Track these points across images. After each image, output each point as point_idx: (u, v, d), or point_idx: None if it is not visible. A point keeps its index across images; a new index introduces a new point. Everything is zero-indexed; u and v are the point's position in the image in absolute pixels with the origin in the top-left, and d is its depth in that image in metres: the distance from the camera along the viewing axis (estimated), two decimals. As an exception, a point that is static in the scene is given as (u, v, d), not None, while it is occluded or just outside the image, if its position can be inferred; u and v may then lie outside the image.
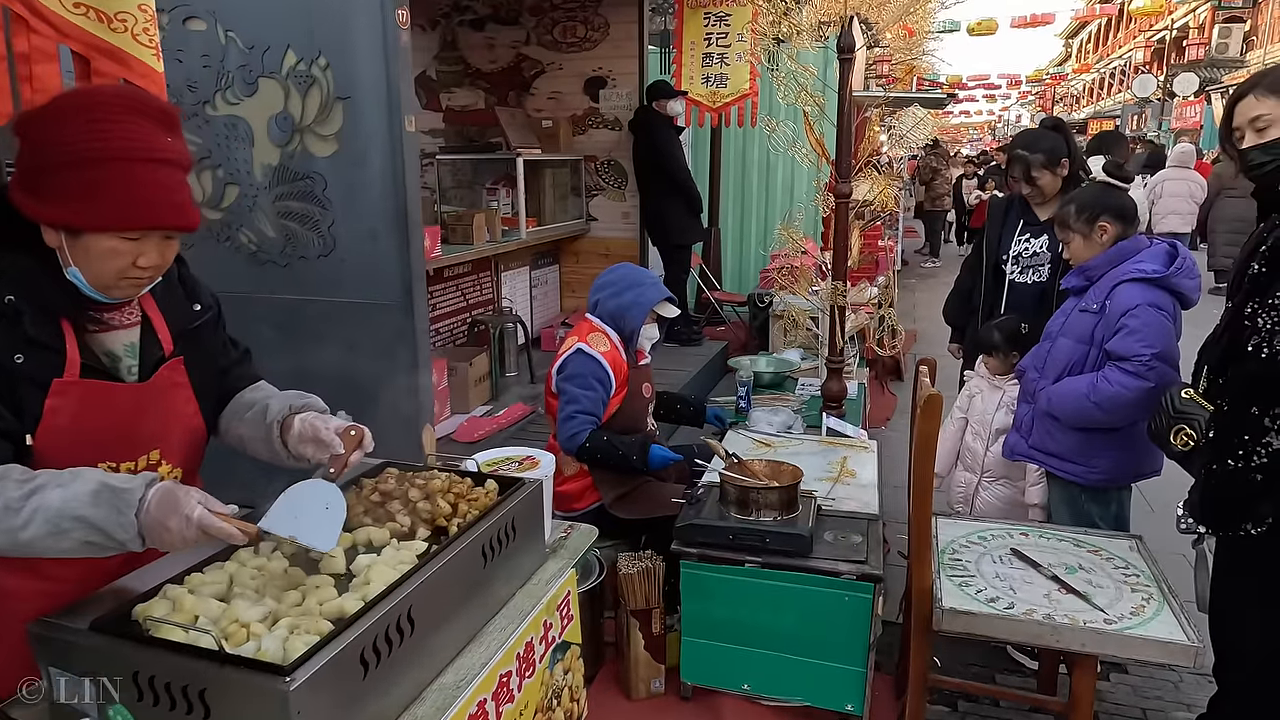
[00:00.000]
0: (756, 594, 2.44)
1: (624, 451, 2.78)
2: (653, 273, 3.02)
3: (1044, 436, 2.62)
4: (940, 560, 2.36)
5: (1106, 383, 2.43)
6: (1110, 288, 2.49)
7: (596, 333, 2.93)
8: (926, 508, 2.14)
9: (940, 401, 2.07)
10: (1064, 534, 2.50)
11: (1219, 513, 1.93)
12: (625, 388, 2.91)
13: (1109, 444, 2.53)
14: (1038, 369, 2.66)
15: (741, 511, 2.46)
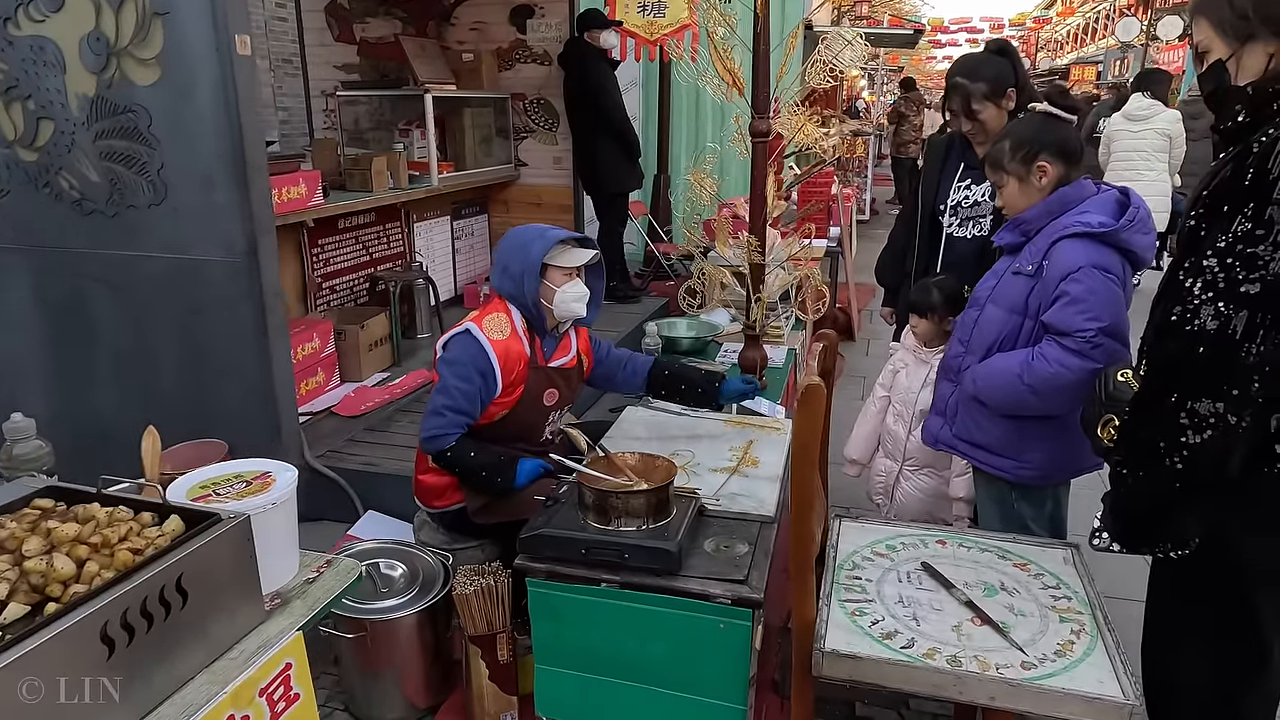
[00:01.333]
0: (616, 618, 2.02)
1: (488, 475, 2.32)
2: (547, 226, 2.51)
3: (969, 424, 2.20)
4: (835, 579, 1.94)
5: (1043, 361, 2.00)
6: (1048, 245, 2.05)
7: (498, 314, 2.43)
8: (807, 524, 1.72)
9: (820, 392, 1.63)
10: (988, 541, 2.09)
11: (1131, 529, 1.53)
12: (519, 389, 2.43)
13: (1044, 434, 2.11)
14: (963, 342, 2.22)
15: (599, 520, 2.03)
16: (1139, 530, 1.50)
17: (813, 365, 1.74)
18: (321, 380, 3.97)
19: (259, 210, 3.00)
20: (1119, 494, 1.51)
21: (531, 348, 2.44)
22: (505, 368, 2.35)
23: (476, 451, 2.32)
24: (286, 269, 4.20)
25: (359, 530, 3.10)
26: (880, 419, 2.85)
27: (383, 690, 2.23)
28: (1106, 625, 1.76)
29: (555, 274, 2.46)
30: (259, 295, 3.07)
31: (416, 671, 2.22)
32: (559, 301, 2.44)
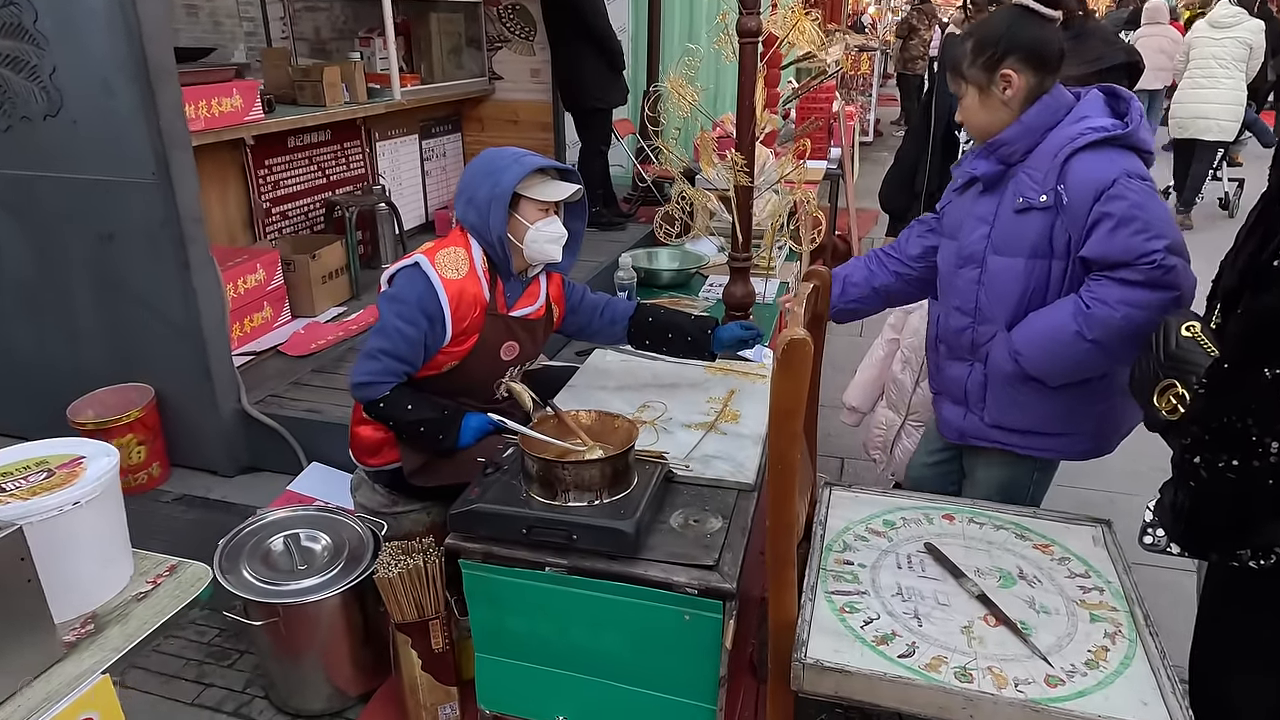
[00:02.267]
0: (565, 607, 1.72)
1: (427, 431, 1.99)
2: (525, 151, 2.10)
3: (1007, 407, 1.82)
4: (822, 565, 1.63)
5: (1104, 306, 1.62)
6: (1059, 166, 1.66)
7: (456, 249, 2.05)
8: (787, 511, 1.40)
9: (805, 350, 1.28)
10: (1004, 517, 1.78)
11: (1202, 531, 1.21)
12: (472, 338, 2.07)
13: (1098, 397, 1.77)
14: (965, 311, 1.85)
15: (544, 493, 1.71)
16: (1211, 533, 1.18)
17: (798, 314, 1.39)
18: (269, 316, 3.62)
19: (169, 122, 2.60)
20: (1188, 487, 1.18)
21: (492, 292, 2.08)
22: (458, 313, 2.00)
23: (415, 404, 1.99)
24: (227, 193, 3.80)
25: (300, 485, 2.80)
26: (886, 365, 2.52)
27: (304, 678, 1.96)
28: (1148, 626, 1.46)
29: (529, 208, 2.07)
30: (175, 222, 2.69)
31: (343, 657, 1.94)
32: (530, 241, 2.06)
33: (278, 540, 2.00)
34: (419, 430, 1.99)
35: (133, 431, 2.84)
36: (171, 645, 2.20)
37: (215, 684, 2.09)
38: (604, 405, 2.25)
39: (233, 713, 2.01)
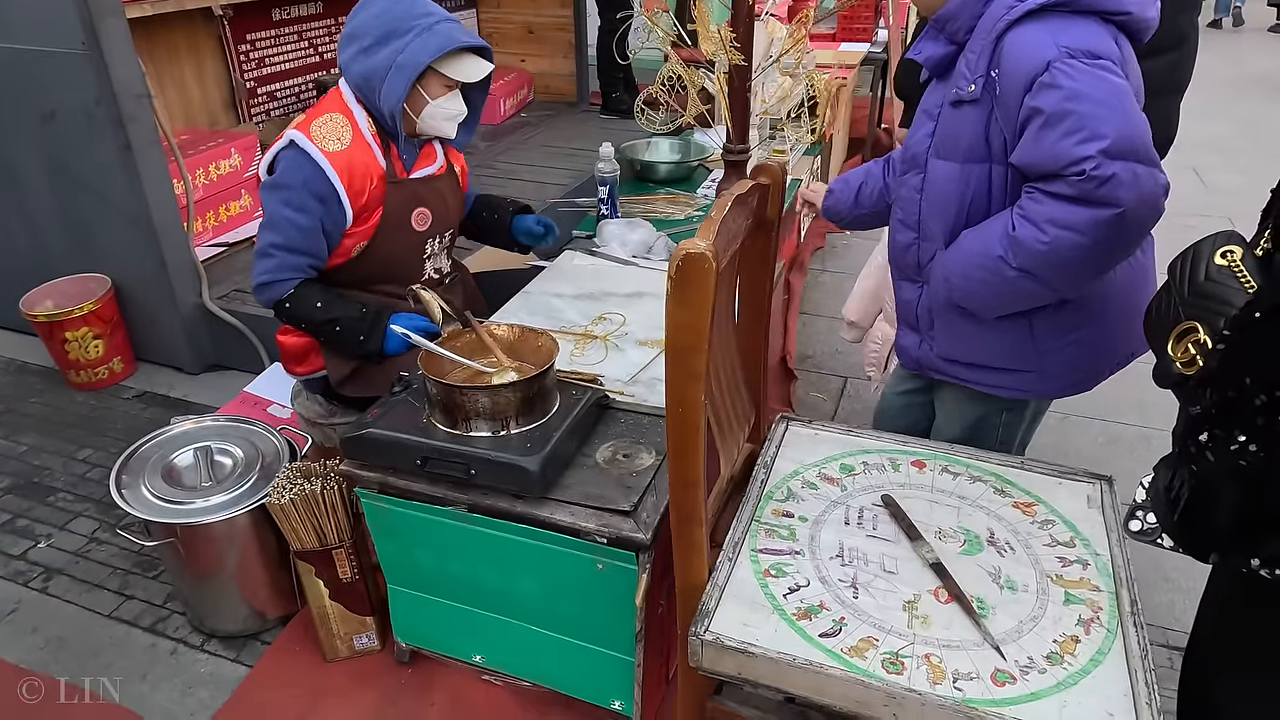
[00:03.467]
0: (470, 546, 1.54)
1: (344, 331, 1.78)
2: (440, 12, 1.81)
3: (956, 338, 1.53)
4: (755, 516, 1.40)
5: (1031, 227, 1.29)
6: (990, 47, 1.31)
7: (333, 116, 1.80)
8: (689, 464, 1.15)
9: (705, 268, 1.01)
10: (985, 466, 1.51)
11: (1202, 528, 0.94)
12: (376, 213, 1.84)
13: (1071, 325, 1.45)
14: (908, 224, 1.52)
15: (446, 420, 1.50)
16: (1214, 531, 0.90)
17: (714, 222, 1.10)
18: (247, 205, 3.41)
19: (94, -15, 2.34)
20: (1189, 470, 0.90)
21: (386, 158, 1.83)
22: (353, 189, 1.76)
23: (326, 302, 1.78)
24: (204, 70, 3.55)
25: (258, 387, 2.65)
26: (885, 273, 2.20)
27: (216, 599, 1.84)
28: (1133, 615, 1.20)
29: (434, 83, 1.81)
30: (112, 99, 2.46)
31: (258, 579, 1.81)
32: (428, 115, 1.83)
33: (186, 454, 1.85)
34: (335, 331, 1.78)
35: (87, 325, 2.71)
36: (101, 552, 2.11)
37: (136, 596, 2.00)
38: (557, 315, 2.01)
39: (148, 628, 1.91)
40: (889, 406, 1.87)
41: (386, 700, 1.72)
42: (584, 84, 5.36)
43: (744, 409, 1.42)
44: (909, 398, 1.82)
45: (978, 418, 1.65)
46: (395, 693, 1.74)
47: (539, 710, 1.68)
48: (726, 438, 1.34)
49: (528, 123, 5.09)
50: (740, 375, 1.41)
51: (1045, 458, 1.54)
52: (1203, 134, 5.55)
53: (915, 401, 1.80)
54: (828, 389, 2.86)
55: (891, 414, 1.86)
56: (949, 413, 1.67)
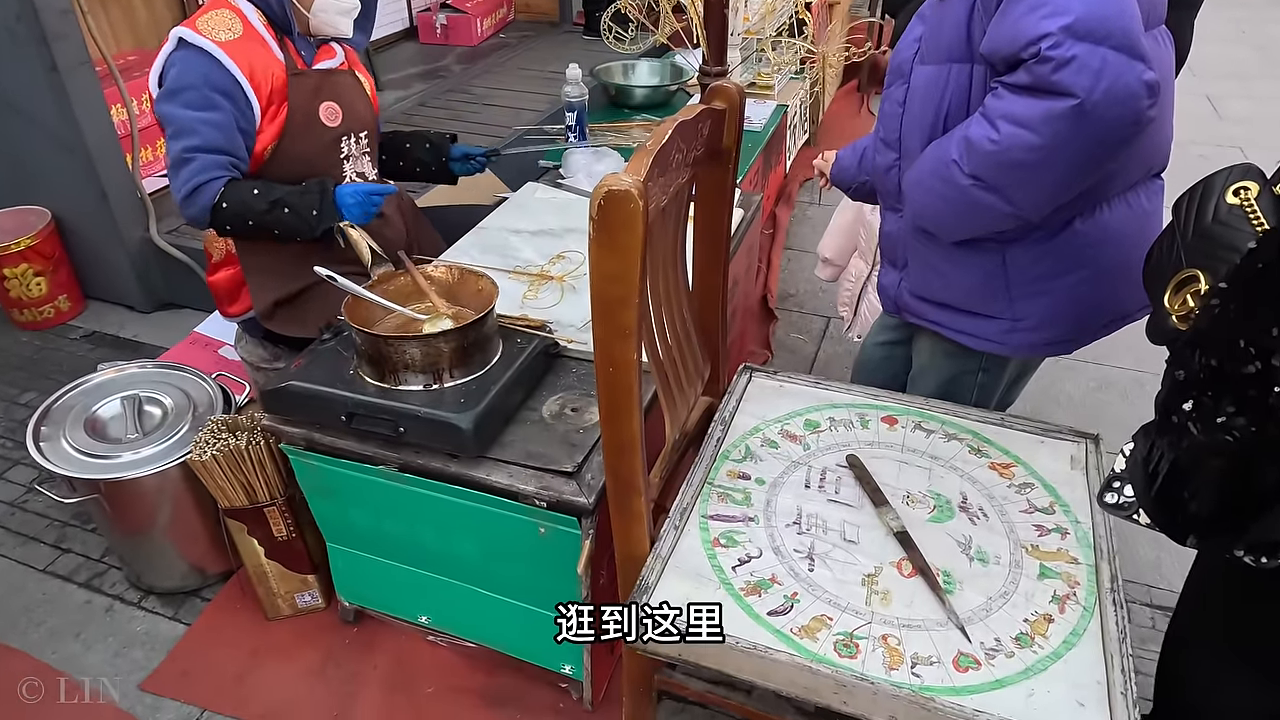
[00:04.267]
0: (406, 506, 1.43)
1: (295, 211, 1.60)
2: None
3: (924, 271, 1.39)
4: (711, 476, 1.29)
5: (984, 125, 1.15)
6: None
7: (219, 10, 1.62)
8: (624, 423, 1.03)
9: (629, 207, 0.86)
10: (960, 423, 1.39)
11: (1181, 509, 0.82)
12: (282, 107, 1.67)
13: (1049, 271, 1.30)
14: (890, 144, 1.37)
15: (373, 372, 1.37)
16: (1198, 513, 0.79)
17: (648, 154, 0.95)
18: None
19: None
20: (1170, 443, 0.78)
21: (283, 50, 1.67)
22: (255, 80, 1.61)
23: (263, 188, 1.61)
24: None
25: (209, 327, 2.52)
26: (860, 207, 2.05)
27: (152, 555, 1.75)
28: (1113, 589, 1.09)
29: None
30: (34, 15, 2.26)
31: (195, 534, 1.71)
32: (319, 9, 1.68)
33: (112, 403, 1.73)
34: (284, 214, 1.60)
35: (27, 261, 2.56)
36: (39, 502, 2.01)
37: (73, 550, 1.91)
38: (513, 253, 1.87)
39: (84, 584, 1.83)
40: (868, 359, 1.75)
41: (329, 661, 1.64)
42: (567, 3, 5.07)
43: (697, 362, 1.29)
44: (889, 349, 1.69)
45: (953, 373, 1.52)
46: (339, 653, 1.66)
47: (487, 673, 1.61)
48: (675, 394, 1.21)
49: (506, 44, 4.83)
50: (692, 324, 1.28)
51: (1031, 403, 1.43)
52: (1219, 59, 5.28)
53: (895, 354, 1.67)
54: (809, 330, 2.72)
55: (870, 366, 1.74)
56: (924, 366, 1.54)
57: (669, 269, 1.17)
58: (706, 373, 1.36)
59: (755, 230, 2.34)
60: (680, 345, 1.22)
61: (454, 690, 1.57)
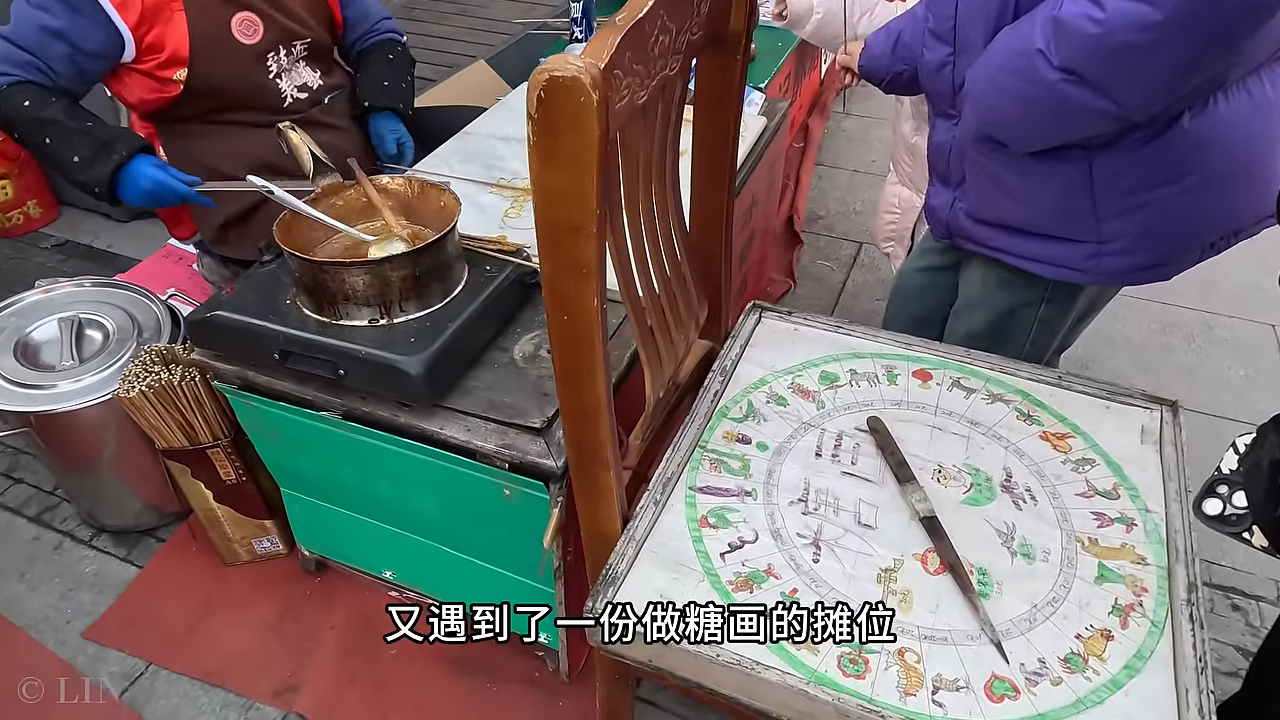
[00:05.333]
0: (357, 456, 1.25)
1: (58, 140, 1.38)
2: None
3: (986, 188, 1.15)
4: (704, 439, 1.08)
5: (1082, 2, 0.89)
6: None
7: None
8: (586, 384, 0.82)
9: (581, 99, 0.63)
10: (1008, 381, 1.16)
11: None
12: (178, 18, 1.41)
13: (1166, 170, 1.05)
14: (943, 37, 1.11)
15: (312, 304, 1.17)
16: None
17: (616, 31, 0.71)
18: (184, 23, 2.95)
19: None
20: None
21: None
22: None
23: (41, 102, 1.37)
24: None
25: (184, 239, 2.33)
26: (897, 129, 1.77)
27: (98, 492, 1.61)
28: (1190, 601, 0.88)
29: None
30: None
31: (144, 471, 1.56)
32: None
33: (48, 325, 1.55)
34: (45, 143, 1.39)
35: (-12, 163, 2.38)
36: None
37: (25, 480, 1.77)
38: (498, 163, 1.63)
39: (34, 518, 1.70)
40: (907, 285, 1.51)
41: (287, 614, 1.50)
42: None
43: (690, 301, 1.07)
44: (932, 276, 1.45)
45: (1009, 307, 1.29)
46: (298, 605, 1.52)
47: (458, 635, 1.45)
48: (660, 344, 1.00)
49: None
50: (686, 256, 1.05)
51: (1080, 347, 1.19)
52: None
53: (939, 282, 1.43)
54: (838, 256, 2.47)
55: (909, 295, 1.51)
56: (974, 298, 1.31)
57: (655, 185, 0.93)
58: (703, 314, 1.13)
59: (781, 143, 2.06)
60: (669, 283, 1.00)
61: (420, 653, 1.43)
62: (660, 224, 0.97)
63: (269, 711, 1.36)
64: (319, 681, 1.38)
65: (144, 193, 1.41)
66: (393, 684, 1.39)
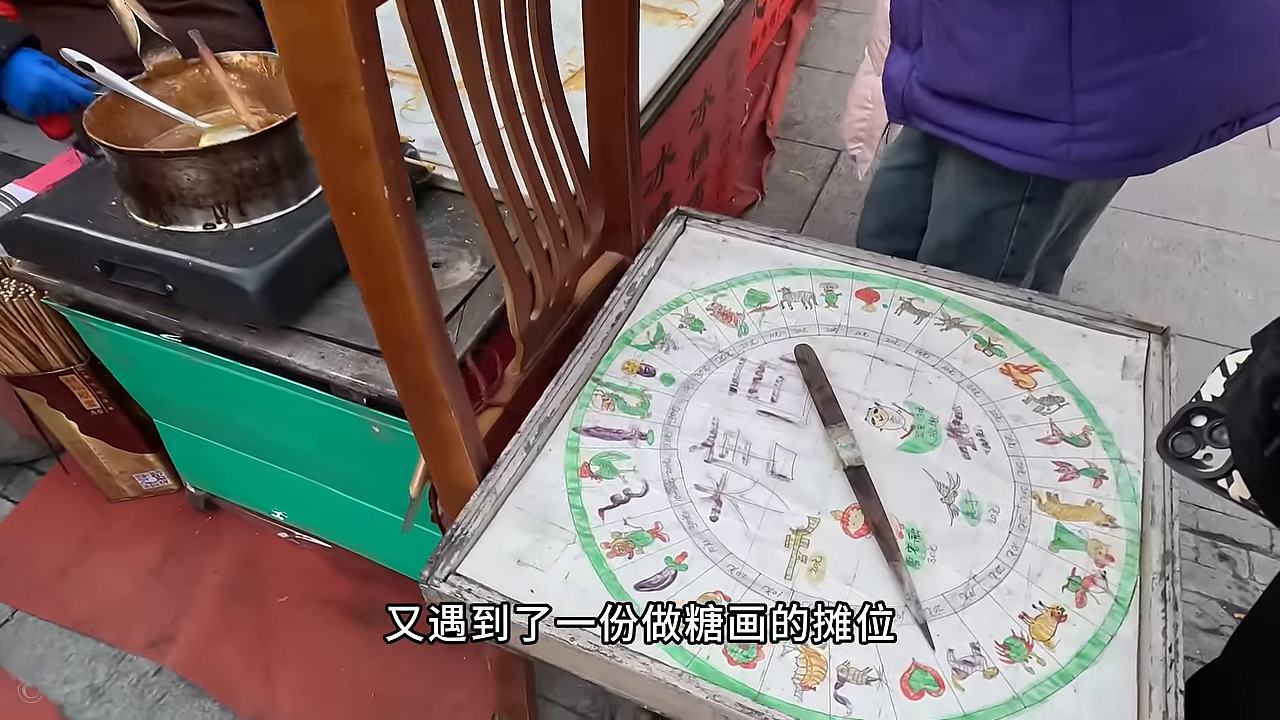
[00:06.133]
0: (215, 385, 1.08)
1: None
2: None
3: (944, 51, 0.94)
4: (598, 369, 0.91)
5: None
6: None
7: None
8: (396, 300, 0.64)
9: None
10: (966, 302, 0.97)
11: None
12: None
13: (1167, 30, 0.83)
14: None
15: (139, 206, 0.98)
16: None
17: None
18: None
19: None
20: None
21: None
22: None
23: None
24: None
25: (91, 142, 2.11)
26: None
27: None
28: (1165, 578, 0.72)
29: None
30: None
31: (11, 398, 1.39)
32: None
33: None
34: None
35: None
36: None
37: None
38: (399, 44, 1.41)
39: (-96, 449, 1.54)
40: (882, 188, 1.32)
41: (171, 556, 1.36)
42: None
43: (571, 202, 0.88)
44: (907, 175, 1.25)
45: (984, 209, 1.10)
46: (184, 547, 1.38)
47: (358, 581, 1.32)
48: (533, 249, 0.81)
49: None
50: (567, 140, 0.85)
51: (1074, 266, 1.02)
52: None
53: (915, 183, 1.24)
54: (813, 165, 2.24)
55: (884, 197, 1.32)
56: (947, 200, 1.13)
57: (513, 38, 0.73)
58: (598, 219, 0.94)
59: (744, 33, 1.82)
60: (538, 174, 0.81)
61: (313, 601, 1.29)
62: (526, 96, 0.77)
63: (141, 664, 1.23)
64: (195, 631, 1.25)
65: (31, 94, 1.20)
66: (279, 635, 1.25)
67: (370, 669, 1.22)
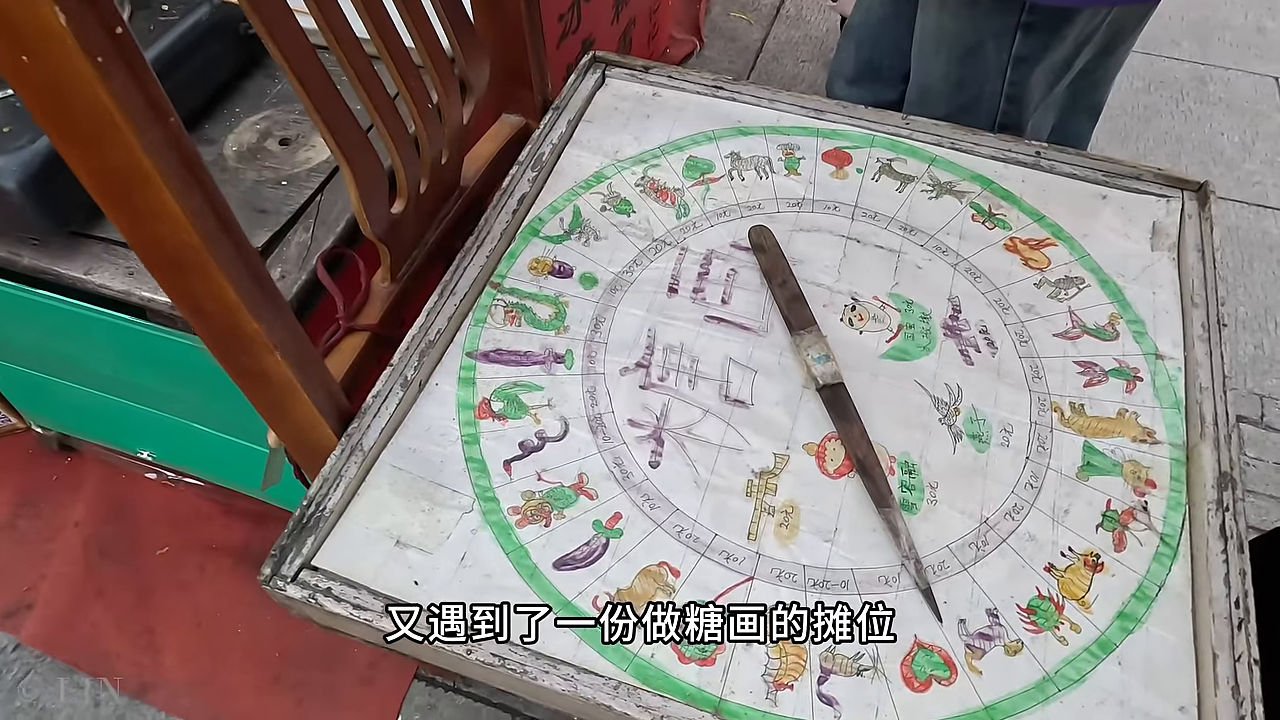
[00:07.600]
0: (23, 313, 0.84)
1: None
2: None
3: None
4: (500, 269, 0.70)
5: None
6: None
7: None
8: (142, 185, 0.42)
9: None
10: (958, 163, 0.78)
11: None
12: None
13: None
14: None
15: None
16: None
17: None
18: None
19: None
20: None
21: None
22: None
23: None
24: None
25: None
26: None
27: None
28: (1224, 507, 0.57)
29: None
30: None
31: None
32: None
33: None
34: None
35: None
36: None
37: None
38: None
39: None
40: (864, 19, 1.09)
41: (25, 507, 1.16)
42: None
43: (438, 49, 0.64)
44: (895, 6, 1.02)
45: (974, 41, 0.89)
46: (39, 496, 1.17)
47: (250, 525, 1.13)
48: (379, 108, 0.58)
49: None
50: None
51: None
52: None
53: (903, 13, 1.01)
54: (758, 8, 1.96)
55: (865, 31, 1.09)
56: (928, 33, 0.93)
57: None
58: (480, 67, 0.70)
59: None
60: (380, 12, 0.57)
61: (197, 549, 1.11)
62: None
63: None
64: (58, 596, 1.06)
65: None
66: (159, 592, 1.08)
67: (270, 622, 1.06)
